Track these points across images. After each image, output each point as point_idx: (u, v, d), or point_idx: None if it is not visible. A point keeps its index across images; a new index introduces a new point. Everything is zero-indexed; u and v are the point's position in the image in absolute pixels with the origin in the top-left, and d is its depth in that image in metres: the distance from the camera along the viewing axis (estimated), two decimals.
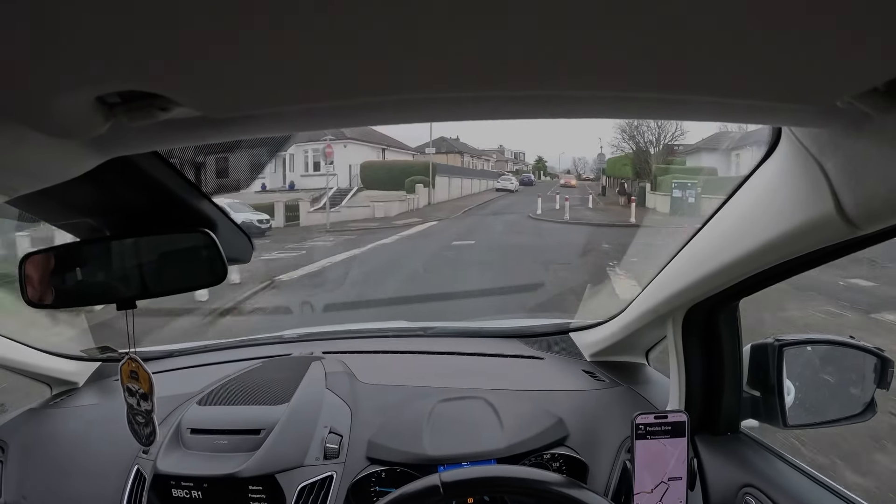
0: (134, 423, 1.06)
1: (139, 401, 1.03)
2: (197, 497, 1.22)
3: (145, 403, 1.03)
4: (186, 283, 0.90)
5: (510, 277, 8.61)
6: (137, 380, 1.02)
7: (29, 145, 0.48)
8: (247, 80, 0.40)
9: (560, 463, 1.27)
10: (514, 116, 0.53)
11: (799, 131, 0.68)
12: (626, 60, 0.39)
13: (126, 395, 1.03)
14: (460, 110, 0.51)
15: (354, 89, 0.43)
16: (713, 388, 1.20)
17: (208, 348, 1.95)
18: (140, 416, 1.04)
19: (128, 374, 1.02)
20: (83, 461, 1.38)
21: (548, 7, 0.32)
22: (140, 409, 1.03)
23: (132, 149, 0.59)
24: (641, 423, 1.08)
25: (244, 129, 0.55)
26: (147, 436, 1.05)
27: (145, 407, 1.03)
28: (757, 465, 1.09)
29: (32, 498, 1.34)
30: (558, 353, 1.74)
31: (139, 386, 1.02)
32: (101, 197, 0.79)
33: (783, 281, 0.96)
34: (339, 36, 0.34)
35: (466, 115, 0.52)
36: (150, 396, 1.02)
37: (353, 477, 1.24)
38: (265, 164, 0.86)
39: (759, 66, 0.40)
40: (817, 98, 0.47)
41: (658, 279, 1.21)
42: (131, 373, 1.02)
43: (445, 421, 1.33)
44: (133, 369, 1.01)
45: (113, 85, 0.40)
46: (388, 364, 1.72)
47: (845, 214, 0.63)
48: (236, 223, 0.93)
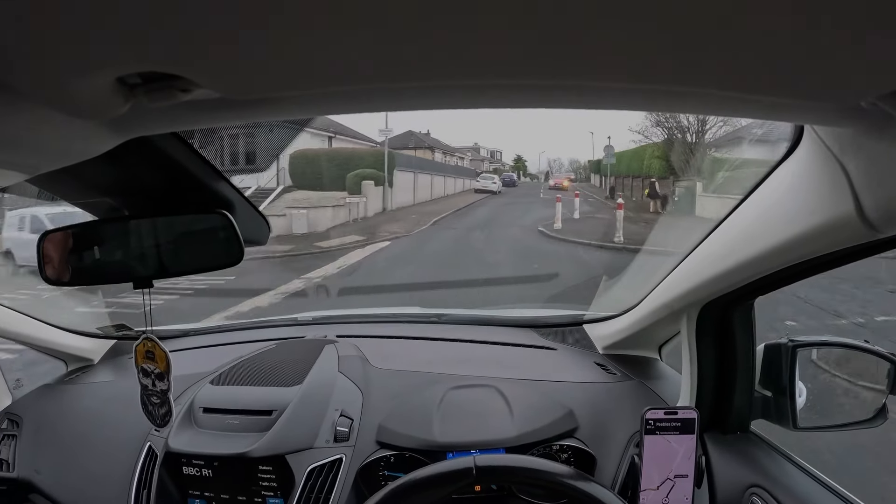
0: (148, 404, 1.07)
1: (154, 381, 1.04)
2: (207, 475, 1.23)
3: (161, 383, 1.04)
4: (203, 264, 0.91)
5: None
6: (153, 360, 1.03)
7: (50, 125, 0.49)
8: (267, 62, 0.40)
9: (568, 454, 1.27)
10: (539, 105, 0.52)
11: (821, 130, 0.67)
12: (649, 52, 0.39)
13: (140, 375, 1.04)
14: (483, 98, 0.51)
15: (375, 73, 0.43)
16: (725, 386, 1.19)
17: (223, 329, 1.97)
18: (155, 396, 1.05)
19: (143, 354, 1.03)
20: (96, 437, 1.41)
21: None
22: (155, 389, 1.04)
23: (151, 129, 0.60)
24: (651, 419, 1.08)
25: (264, 112, 0.55)
26: (162, 416, 1.06)
27: (161, 387, 1.04)
28: (765, 466, 1.09)
29: (46, 472, 1.36)
30: (571, 344, 1.74)
31: (155, 366, 1.03)
32: (120, 177, 0.80)
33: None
34: (361, 19, 0.34)
35: (490, 104, 0.52)
36: (167, 376, 1.03)
37: (362, 460, 1.25)
38: (285, 145, 0.85)
39: (783, 62, 0.40)
40: (841, 97, 0.46)
41: (674, 274, 1.20)
42: (147, 353, 1.03)
43: (456, 408, 1.34)
44: (149, 349, 1.02)
45: (133, 66, 0.40)
46: (401, 349, 1.72)
47: (865, 216, 0.62)
48: (254, 205, 0.93)
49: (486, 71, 0.42)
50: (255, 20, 0.34)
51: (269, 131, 12.55)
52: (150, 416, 1.07)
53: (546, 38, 0.36)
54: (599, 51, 0.39)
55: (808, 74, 0.42)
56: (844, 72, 0.41)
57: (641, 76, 0.43)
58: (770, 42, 0.37)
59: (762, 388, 1.16)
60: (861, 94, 0.45)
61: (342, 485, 1.21)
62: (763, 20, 0.34)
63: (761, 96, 0.47)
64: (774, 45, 0.37)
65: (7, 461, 1.39)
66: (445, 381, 1.44)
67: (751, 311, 1.16)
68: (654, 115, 16.95)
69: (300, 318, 2.06)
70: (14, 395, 1.56)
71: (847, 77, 0.42)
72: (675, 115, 16.52)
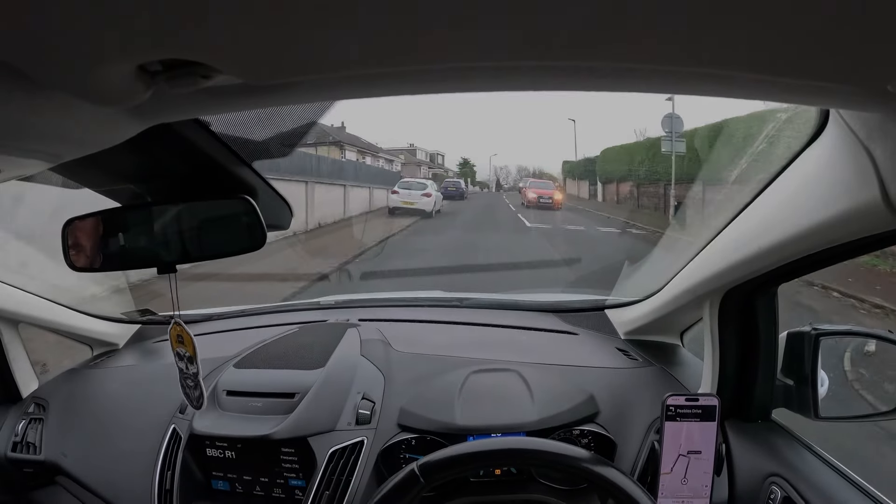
0: (185, 387, 1.09)
1: (187, 364, 1.06)
2: (230, 457, 1.26)
3: (192, 367, 1.05)
4: (226, 249, 0.91)
5: None
6: (184, 343, 1.04)
7: (72, 113, 0.50)
8: (287, 47, 0.40)
9: (589, 439, 1.27)
10: (560, 88, 0.51)
11: (847, 115, 0.65)
12: (675, 34, 0.38)
13: (176, 359, 1.06)
14: (498, 82, 0.50)
15: (395, 57, 0.43)
16: (747, 373, 1.18)
17: (245, 313, 1.99)
18: (189, 379, 1.07)
19: (175, 337, 1.05)
20: (121, 420, 1.44)
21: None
22: (189, 372, 1.06)
23: (173, 116, 0.60)
24: (672, 405, 1.07)
25: (284, 97, 0.55)
26: (197, 398, 1.08)
27: (192, 370, 1.05)
28: (786, 455, 1.08)
29: (72, 455, 1.40)
30: (593, 329, 1.73)
31: (185, 350, 1.05)
32: (142, 163, 0.81)
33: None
34: (381, 3, 0.34)
35: (506, 87, 0.51)
36: (195, 359, 1.04)
37: (383, 443, 1.26)
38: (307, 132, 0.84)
39: (809, 44, 0.39)
40: (868, 80, 0.45)
41: (697, 260, 1.19)
42: (178, 336, 1.04)
43: (477, 392, 1.34)
44: (179, 333, 1.04)
45: (155, 53, 0.41)
46: (422, 333, 1.73)
47: (891, 203, 0.61)
48: (276, 190, 0.94)
49: (507, 53, 0.42)
50: (273, 5, 0.34)
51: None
52: (188, 398, 1.09)
53: (565, 20, 0.36)
54: (624, 32, 0.38)
55: (834, 57, 0.41)
56: (871, 54, 0.40)
57: (666, 58, 0.42)
58: (797, 23, 0.36)
59: (784, 376, 1.14)
60: (888, 78, 0.44)
61: (363, 467, 1.23)
62: (790, 1, 0.33)
63: (787, 79, 0.46)
64: (801, 27, 0.36)
65: (34, 444, 1.42)
66: (467, 364, 1.44)
67: (774, 299, 1.14)
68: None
69: (322, 301, 2.08)
70: (40, 380, 1.59)
71: (874, 60, 0.41)
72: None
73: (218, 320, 1.93)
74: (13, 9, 0.33)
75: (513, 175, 45.80)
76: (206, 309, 2.02)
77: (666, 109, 13.89)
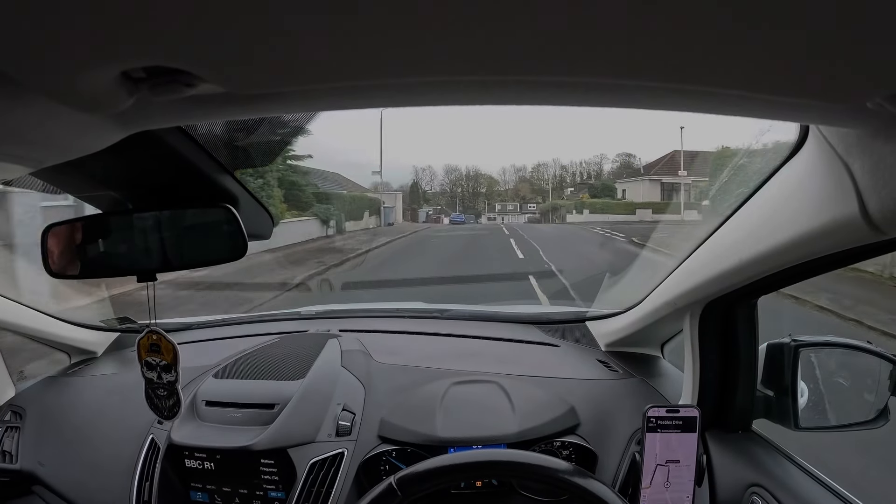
0: (154, 397, 1.07)
1: (160, 374, 1.04)
2: (209, 468, 1.24)
3: (168, 375, 1.04)
4: (207, 257, 0.91)
5: None
6: (159, 352, 1.03)
7: (55, 119, 0.49)
8: (271, 57, 0.40)
9: (570, 451, 1.27)
10: (539, 103, 0.52)
11: (826, 130, 0.67)
12: (651, 50, 0.39)
13: (144, 370, 1.04)
14: (487, 95, 0.50)
15: (382, 69, 0.43)
16: (727, 384, 1.20)
17: (225, 322, 1.97)
18: (161, 388, 1.05)
19: (147, 347, 1.03)
20: (99, 429, 1.42)
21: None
22: (162, 381, 1.04)
23: (156, 123, 0.60)
24: (653, 416, 1.08)
25: (269, 107, 0.55)
26: (170, 408, 1.06)
27: (168, 378, 1.04)
28: (766, 465, 1.09)
29: (48, 464, 1.37)
30: (574, 341, 1.74)
31: (161, 358, 1.03)
32: (124, 170, 0.80)
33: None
34: (363, 13, 0.34)
35: (492, 100, 0.52)
36: (174, 367, 1.03)
37: (363, 455, 1.25)
38: (289, 141, 0.85)
39: (789, 61, 0.39)
40: (847, 97, 0.46)
41: (677, 272, 1.20)
42: (151, 346, 1.03)
43: (458, 403, 1.34)
44: (154, 342, 1.02)
45: (138, 60, 0.40)
46: (403, 344, 1.72)
47: (869, 217, 0.62)
48: (258, 199, 0.93)
49: (492, 67, 0.42)
50: (258, 15, 0.34)
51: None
52: (156, 409, 1.07)
53: (551, 33, 0.36)
54: (600, 47, 0.38)
55: (814, 74, 0.41)
56: (851, 72, 0.41)
57: (643, 74, 0.43)
58: (776, 40, 0.36)
59: (764, 387, 1.16)
60: (867, 95, 0.45)
61: (344, 479, 1.22)
62: (769, 18, 0.34)
63: (767, 95, 0.46)
64: (781, 44, 0.37)
65: (10, 453, 1.39)
66: (448, 376, 1.44)
67: (754, 310, 1.16)
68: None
69: (303, 312, 2.06)
70: (17, 387, 1.56)
71: (853, 77, 0.42)
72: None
73: (197, 329, 1.91)
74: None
75: (439, 178, 39.70)
76: (184, 318, 2.00)
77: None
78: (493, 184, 74.87)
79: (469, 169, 67.92)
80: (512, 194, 72.41)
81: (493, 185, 74.78)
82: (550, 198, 61.53)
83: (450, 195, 72.07)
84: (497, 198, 71.94)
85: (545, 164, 75.04)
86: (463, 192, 73.86)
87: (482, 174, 74.78)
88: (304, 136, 2.65)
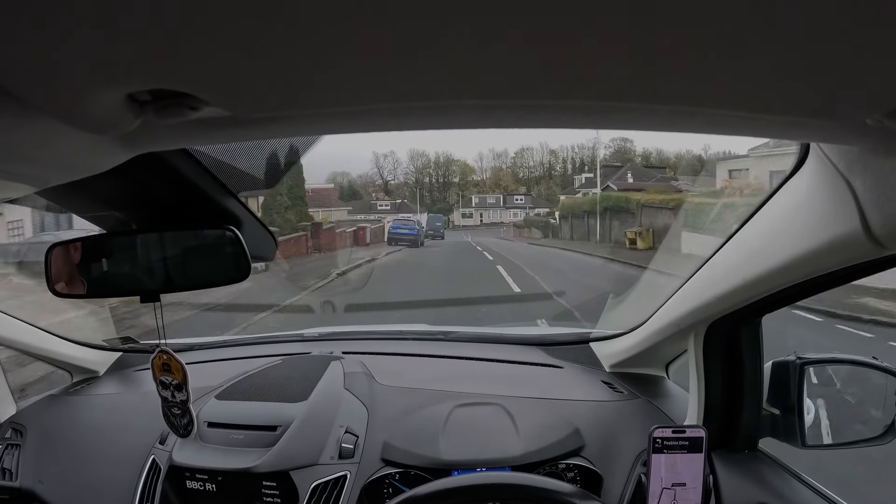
0: (170, 415, 1.07)
1: (173, 392, 1.04)
2: (211, 490, 1.23)
3: (180, 394, 1.04)
4: (210, 279, 0.91)
5: None
6: (170, 371, 1.03)
7: (61, 139, 0.49)
8: (276, 82, 0.41)
9: (575, 473, 1.26)
10: (547, 126, 0.52)
11: (827, 148, 0.67)
12: (653, 73, 0.39)
13: (159, 388, 1.04)
14: (486, 118, 0.51)
15: (385, 94, 0.43)
16: (733, 404, 1.18)
17: (228, 343, 1.97)
18: (175, 407, 1.05)
19: (160, 367, 1.03)
20: (100, 449, 1.41)
21: (570, 13, 0.32)
22: (175, 400, 1.04)
23: (161, 145, 0.60)
24: (659, 437, 1.07)
25: (273, 131, 0.55)
26: (185, 426, 1.06)
27: (180, 397, 1.04)
28: (773, 485, 1.08)
29: (49, 482, 1.36)
30: (578, 362, 1.72)
31: (172, 377, 1.03)
32: (128, 191, 0.81)
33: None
34: (368, 40, 0.34)
35: (493, 124, 0.52)
36: (185, 386, 1.03)
37: (366, 477, 1.24)
38: (293, 163, 0.85)
39: (789, 81, 0.40)
40: (847, 115, 0.47)
41: (681, 292, 1.19)
42: (163, 365, 1.03)
43: (462, 426, 1.33)
44: (165, 361, 1.02)
45: (143, 83, 0.41)
46: (407, 367, 1.71)
47: (872, 233, 0.62)
48: (262, 221, 0.94)
49: (494, 91, 0.42)
50: (262, 41, 0.34)
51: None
52: (173, 427, 1.07)
53: (551, 58, 0.37)
54: (604, 70, 0.39)
55: (813, 93, 0.42)
56: (850, 90, 0.41)
57: (645, 96, 0.43)
58: (776, 61, 0.37)
59: (770, 405, 1.15)
60: (867, 112, 0.45)
61: (346, 502, 1.20)
62: (769, 39, 0.34)
63: (767, 115, 0.47)
64: (780, 64, 0.37)
65: (10, 470, 1.39)
66: (451, 398, 1.43)
67: (758, 329, 1.15)
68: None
69: (306, 333, 2.05)
70: (18, 405, 1.56)
71: (853, 95, 0.42)
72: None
73: (200, 350, 1.90)
74: (4, 30, 0.33)
75: (403, 165, 33.10)
76: (189, 338, 1.99)
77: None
78: (469, 171, 60.88)
79: (439, 154, 55.09)
80: (491, 184, 58.08)
81: (469, 174, 60.76)
82: (542, 189, 52.52)
83: (413, 185, 58.85)
84: (474, 189, 57.43)
85: (530, 149, 60.80)
86: (431, 182, 59.86)
87: (454, 160, 61.22)
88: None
